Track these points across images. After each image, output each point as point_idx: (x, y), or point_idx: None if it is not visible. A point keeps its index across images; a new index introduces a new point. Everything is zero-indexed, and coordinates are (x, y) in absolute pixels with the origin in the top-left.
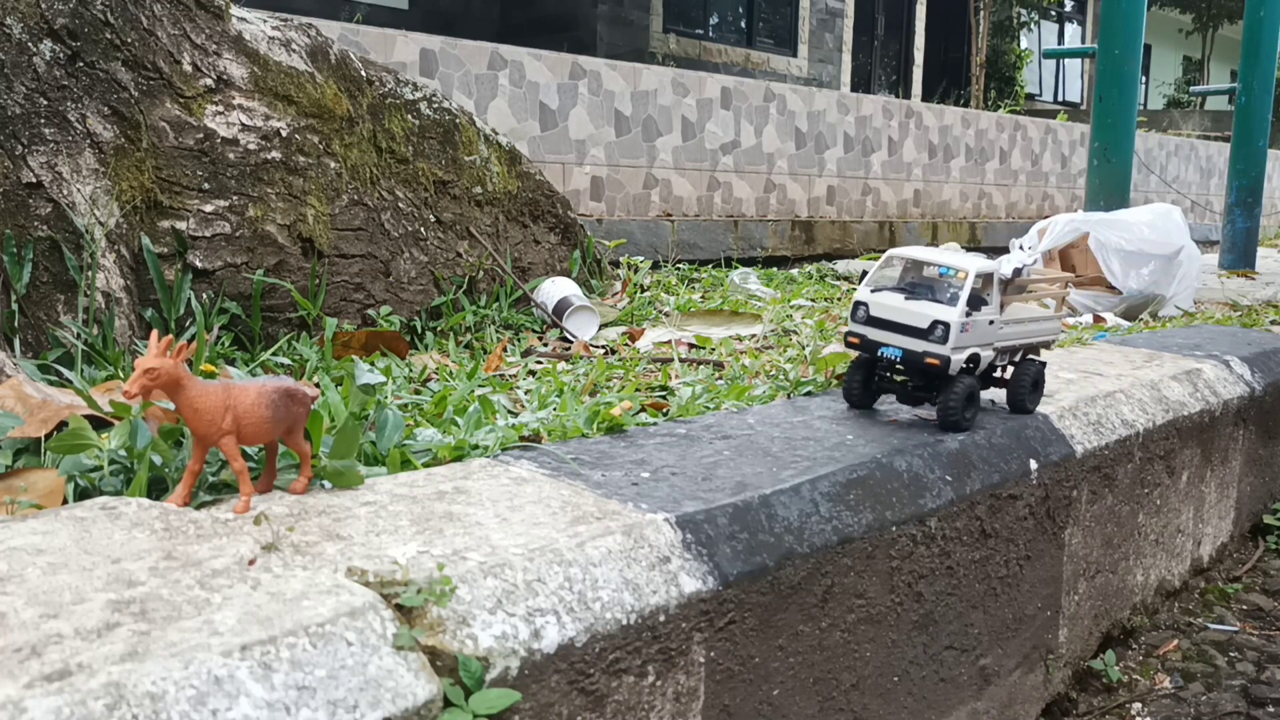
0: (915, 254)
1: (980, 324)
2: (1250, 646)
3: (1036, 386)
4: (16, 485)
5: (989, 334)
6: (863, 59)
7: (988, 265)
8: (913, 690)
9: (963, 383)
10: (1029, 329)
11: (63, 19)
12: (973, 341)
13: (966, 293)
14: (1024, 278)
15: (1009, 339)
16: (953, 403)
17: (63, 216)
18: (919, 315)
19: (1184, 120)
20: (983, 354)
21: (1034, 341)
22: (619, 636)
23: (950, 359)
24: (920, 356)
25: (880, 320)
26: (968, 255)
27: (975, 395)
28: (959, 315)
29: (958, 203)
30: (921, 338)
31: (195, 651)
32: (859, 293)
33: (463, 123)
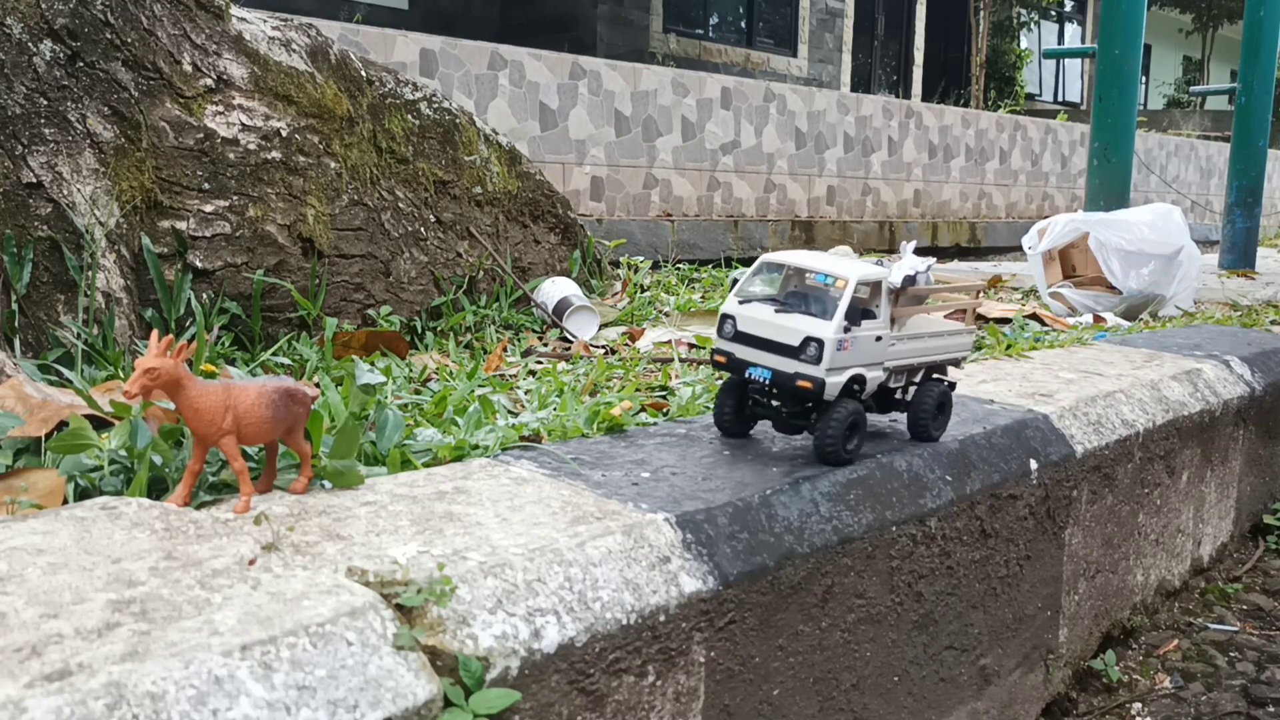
0: (790, 259)
1: (864, 340)
2: (1250, 646)
3: (942, 409)
4: (17, 485)
5: (876, 351)
6: (863, 59)
7: (873, 272)
8: (913, 690)
9: (843, 409)
10: (931, 345)
11: (63, 19)
12: (855, 361)
13: (845, 304)
14: (920, 287)
15: (905, 357)
16: (830, 432)
17: (63, 216)
18: (789, 331)
19: (1184, 120)
20: (869, 375)
21: (938, 359)
22: (619, 636)
23: (825, 382)
24: (791, 379)
25: (748, 336)
26: (852, 260)
27: (859, 423)
28: (834, 331)
29: (958, 203)
30: (793, 357)
31: (195, 651)
32: (726, 304)
33: (463, 123)
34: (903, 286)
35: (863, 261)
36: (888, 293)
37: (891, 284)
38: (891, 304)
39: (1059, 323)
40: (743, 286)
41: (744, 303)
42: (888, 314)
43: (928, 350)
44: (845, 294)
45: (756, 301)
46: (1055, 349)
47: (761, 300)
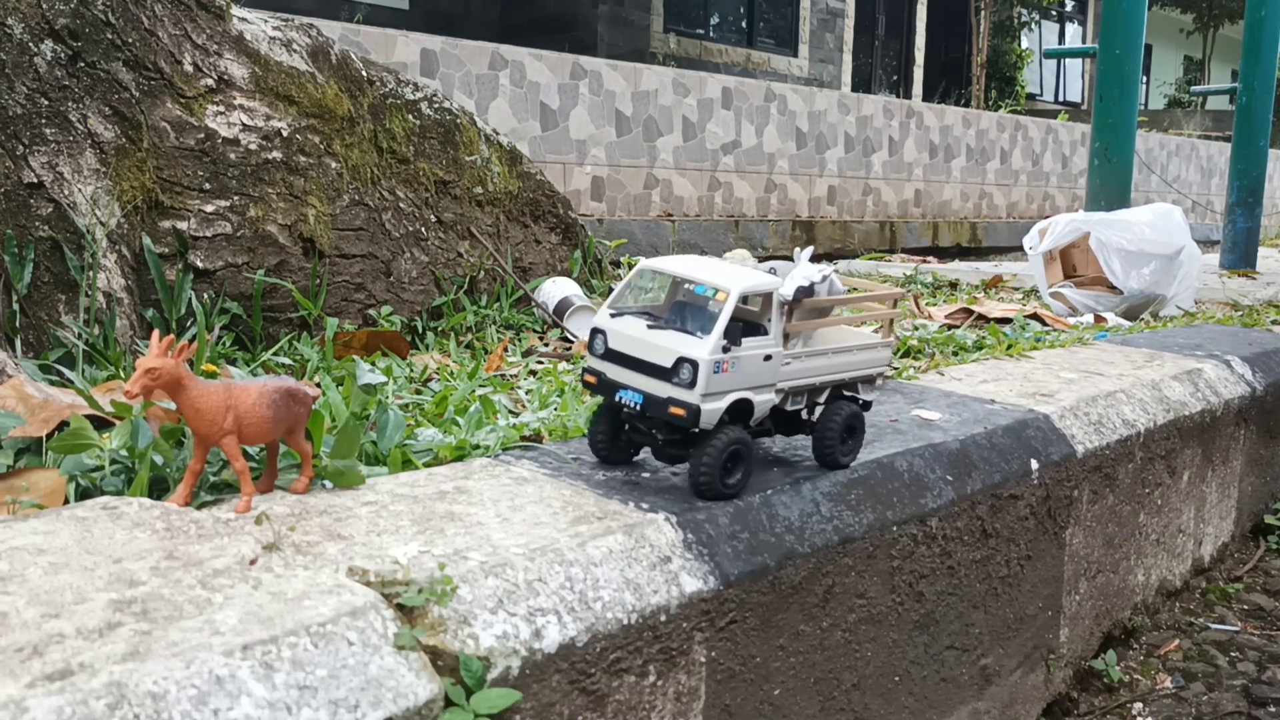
0: (667, 266)
1: (749, 360)
2: (1251, 646)
3: (852, 433)
4: (18, 485)
5: (766, 372)
6: (863, 59)
7: (761, 283)
8: (914, 690)
9: (721, 438)
10: (837, 361)
11: (64, 19)
12: (738, 384)
13: (724, 319)
14: (819, 298)
15: (804, 376)
16: (705, 465)
17: (64, 216)
18: (662, 350)
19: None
20: (757, 399)
21: (846, 377)
22: (620, 636)
23: (700, 409)
24: (663, 404)
25: (620, 355)
26: (742, 269)
27: (743, 453)
28: (711, 350)
29: (958, 203)
30: (665, 379)
31: (197, 651)
32: (598, 316)
33: (463, 123)
34: (796, 298)
35: (753, 270)
36: (779, 306)
37: (783, 296)
38: (784, 318)
39: (1060, 323)
40: (618, 296)
41: (617, 316)
42: (780, 329)
43: (833, 368)
44: (725, 308)
45: (630, 315)
46: (1056, 349)
47: (636, 313)
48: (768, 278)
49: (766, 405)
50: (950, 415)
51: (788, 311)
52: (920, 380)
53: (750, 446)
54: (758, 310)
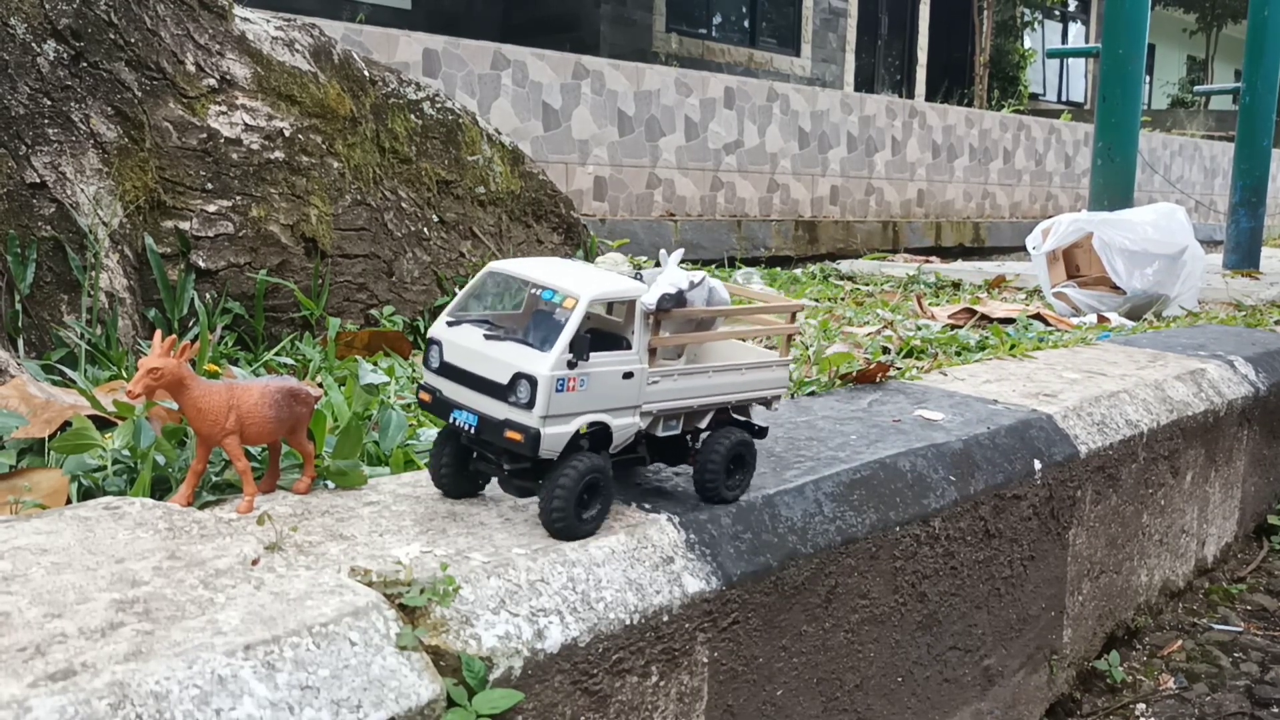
0: (513, 268)
1: (604, 378)
2: (1254, 647)
3: (740, 463)
4: (21, 485)
5: (626, 392)
6: (866, 59)
7: (616, 288)
8: (916, 691)
9: (573, 470)
10: (722, 381)
11: (66, 19)
12: (590, 405)
13: (570, 330)
14: (694, 308)
15: (679, 397)
16: (558, 500)
17: (66, 217)
18: (498, 364)
19: (1188, 120)
20: (616, 422)
21: (732, 399)
22: (622, 636)
23: (540, 433)
24: (499, 427)
25: (455, 369)
26: (603, 272)
27: (599, 484)
28: (552, 365)
29: (961, 202)
30: (502, 398)
31: (199, 651)
32: (435, 325)
33: (466, 123)
34: (662, 308)
35: (617, 274)
36: (643, 316)
37: (646, 305)
38: (650, 330)
39: (1063, 323)
40: (460, 302)
41: (455, 324)
42: (644, 343)
43: (715, 388)
44: (572, 317)
45: (469, 323)
46: (1059, 349)
47: (476, 322)
48: (627, 283)
49: (629, 430)
50: (953, 415)
51: (654, 323)
52: (923, 380)
53: (609, 475)
54: (621, 321)
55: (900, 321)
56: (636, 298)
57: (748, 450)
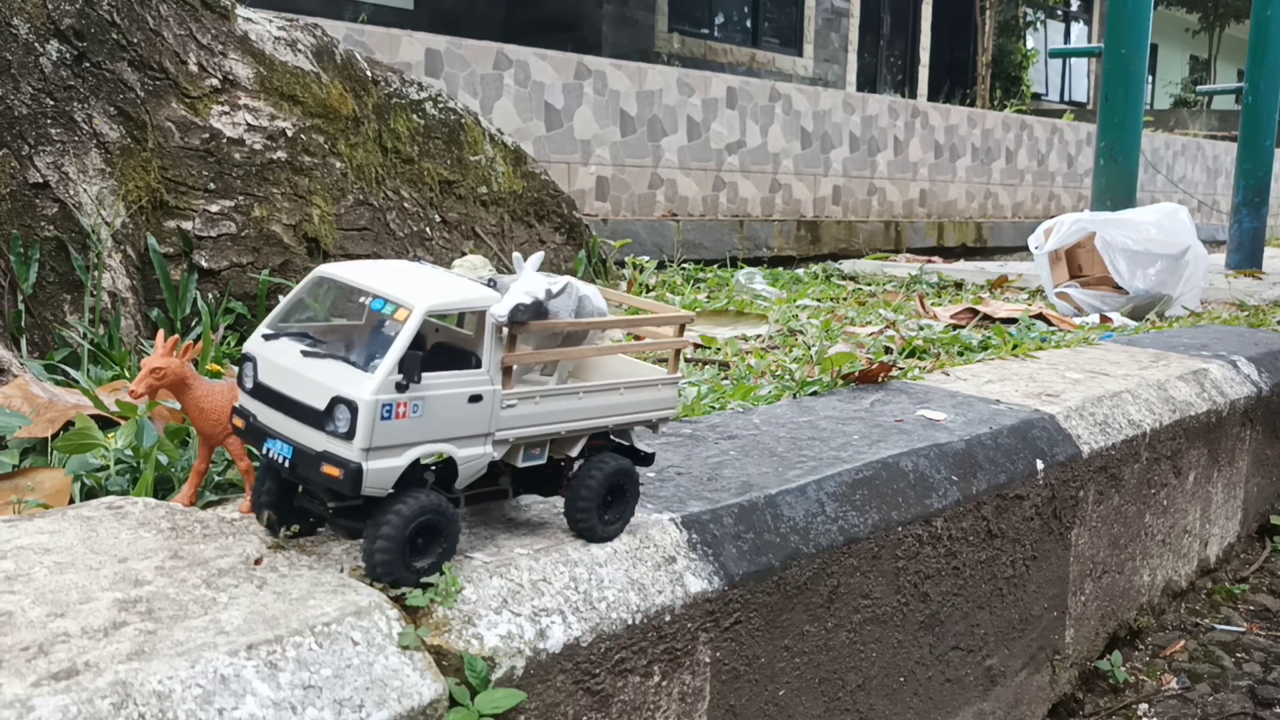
0: (343, 273)
1: (444, 402)
2: (1257, 647)
3: (619, 495)
4: (23, 485)
5: (475, 417)
6: (868, 58)
7: (459, 298)
8: (919, 691)
9: (403, 509)
10: (595, 404)
11: (69, 19)
12: (427, 433)
13: (400, 346)
14: (556, 320)
15: (543, 423)
16: (380, 547)
17: (69, 216)
18: (314, 385)
19: (1191, 120)
20: (462, 453)
21: (609, 423)
22: (624, 636)
23: (362, 469)
24: (315, 461)
25: (269, 391)
26: (436, 278)
27: (438, 526)
28: (377, 388)
29: (964, 202)
30: (320, 426)
31: (202, 650)
32: (251, 339)
33: (468, 123)
34: (516, 320)
35: (460, 281)
36: (494, 330)
37: (497, 317)
38: (504, 345)
39: (1065, 323)
40: (280, 311)
41: (273, 338)
42: (496, 361)
43: (587, 411)
44: (404, 331)
45: (289, 337)
46: (1061, 349)
47: (296, 334)
48: (474, 292)
49: (478, 462)
50: (955, 415)
51: (509, 338)
52: (925, 380)
53: (450, 516)
54: (473, 334)
55: (902, 321)
56: (486, 308)
57: (628, 480)
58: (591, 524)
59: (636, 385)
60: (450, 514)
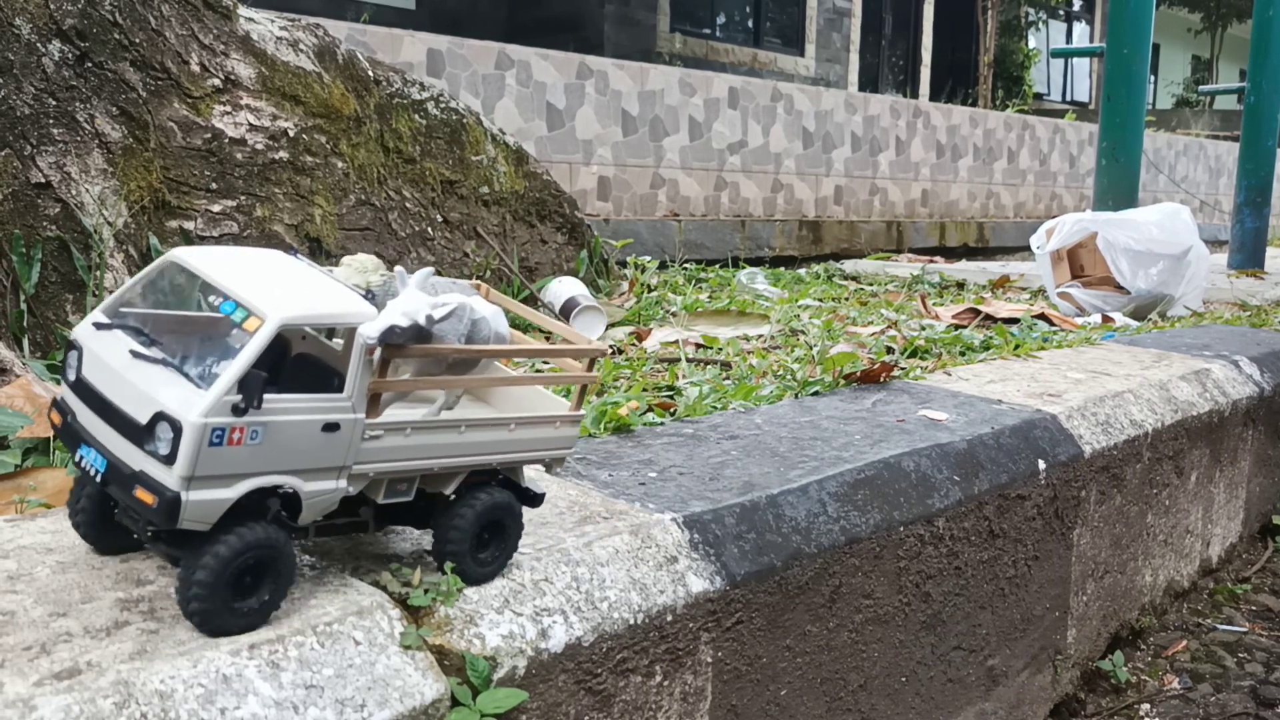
0: (199, 261)
1: (291, 429)
2: (1259, 647)
3: (498, 533)
4: (25, 484)
5: (329, 449)
6: (870, 59)
7: (326, 310)
8: (920, 691)
9: (226, 546)
10: (478, 440)
11: (71, 19)
12: (268, 463)
13: (245, 361)
14: (443, 345)
15: (412, 457)
16: (195, 590)
17: (71, 216)
18: (138, 395)
19: (1193, 120)
20: (309, 487)
21: (492, 461)
22: (626, 636)
23: (181, 499)
24: (129, 481)
25: (91, 391)
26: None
27: (270, 562)
28: (207, 408)
29: (965, 202)
30: (139, 442)
31: (204, 650)
32: (80, 326)
33: (470, 123)
34: (387, 342)
35: (341, 289)
36: (362, 351)
37: (365, 339)
38: (372, 370)
39: (1067, 323)
40: (121, 296)
41: (105, 327)
42: (363, 386)
43: (468, 448)
44: (251, 344)
45: (126, 330)
46: (1063, 349)
47: (133, 329)
48: (344, 304)
49: (329, 497)
50: (957, 415)
51: (380, 361)
52: (927, 380)
53: (284, 551)
54: (342, 351)
55: (904, 321)
56: (355, 326)
57: (508, 516)
58: (463, 563)
59: (530, 422)
60: (284, 549)
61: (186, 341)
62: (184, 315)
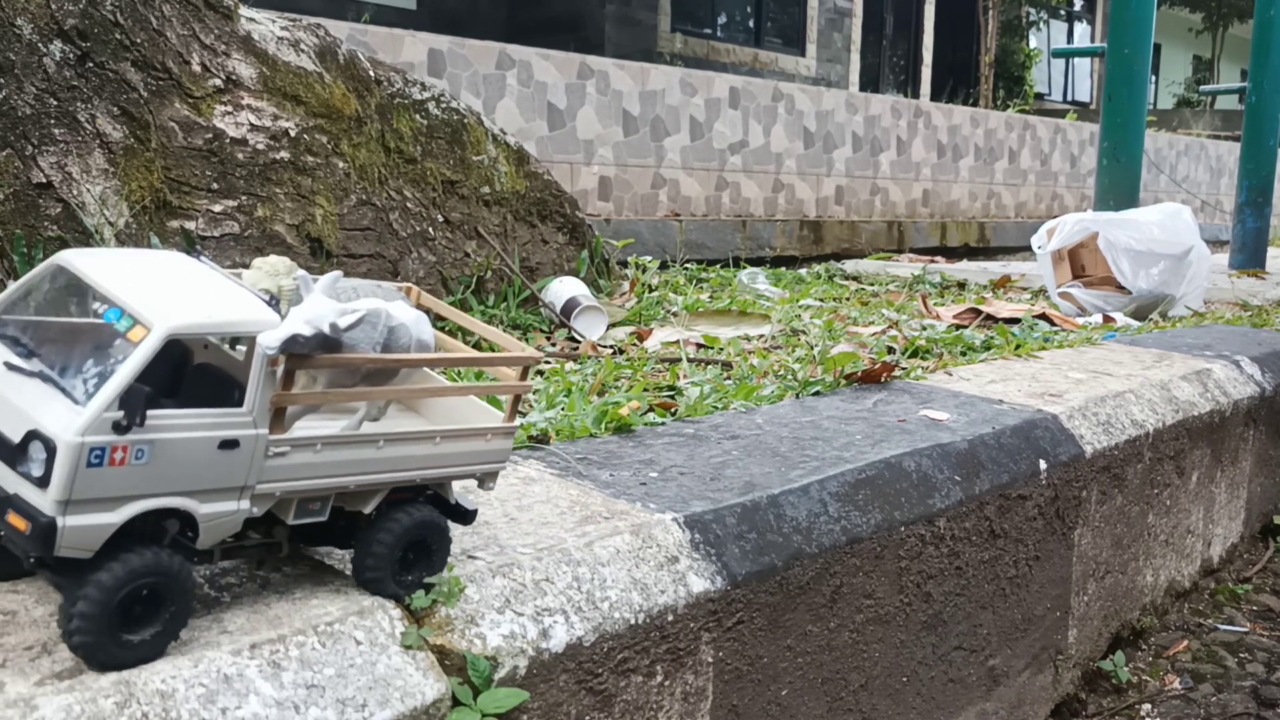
0: (84, 264)
1: (187, 448)
2: (1260, 647)
3: (422, 552)
4: None
5: (227, 468)
6: (871, 59)
7: (226, 319)
8: (921, 691)
9: (109, 574)
10: (400, 455)
11: (72, 19)
12: (157, 484)
13: (127, 375)
14: (355, 355)
15: (325, 475)
16: (76, 623)
17: (72, 216)
18: (11, 410)
19: (1194, 120)
20: (206, 509)
21: (416, 476)
22: (627, 636)
23: (57, 525)
24: (1, 506)
25: None
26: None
27: (162, 589)
28: (85, 426)
29: (966, 202)
30: (10, 463)
31: (205, 650)
32: None
33: (471, 123)
34: (289, 352)
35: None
36: (264, 362)
37: (265, 349)
38: (276, 383)
39: (1068, 323)
40: (4, 301)
41: None
42: (265, 400)
43: (388, 464)
44: (135, 355)
45: (4, 339)
46: (1064, 349)
47: (9, 337)
48: (242, 311)
49: (229, 520)
50: (958, 415)
51: (285, 374)
52: (928, 380)
53: (178, 577)
54: (243, 360)
55: (905, 321)
56: (255, 335)
57: (434, 534)
58: (382, 583)
59: (458, 435)
60: (177, 575)
61: (67, 352)
62: (65, 323)
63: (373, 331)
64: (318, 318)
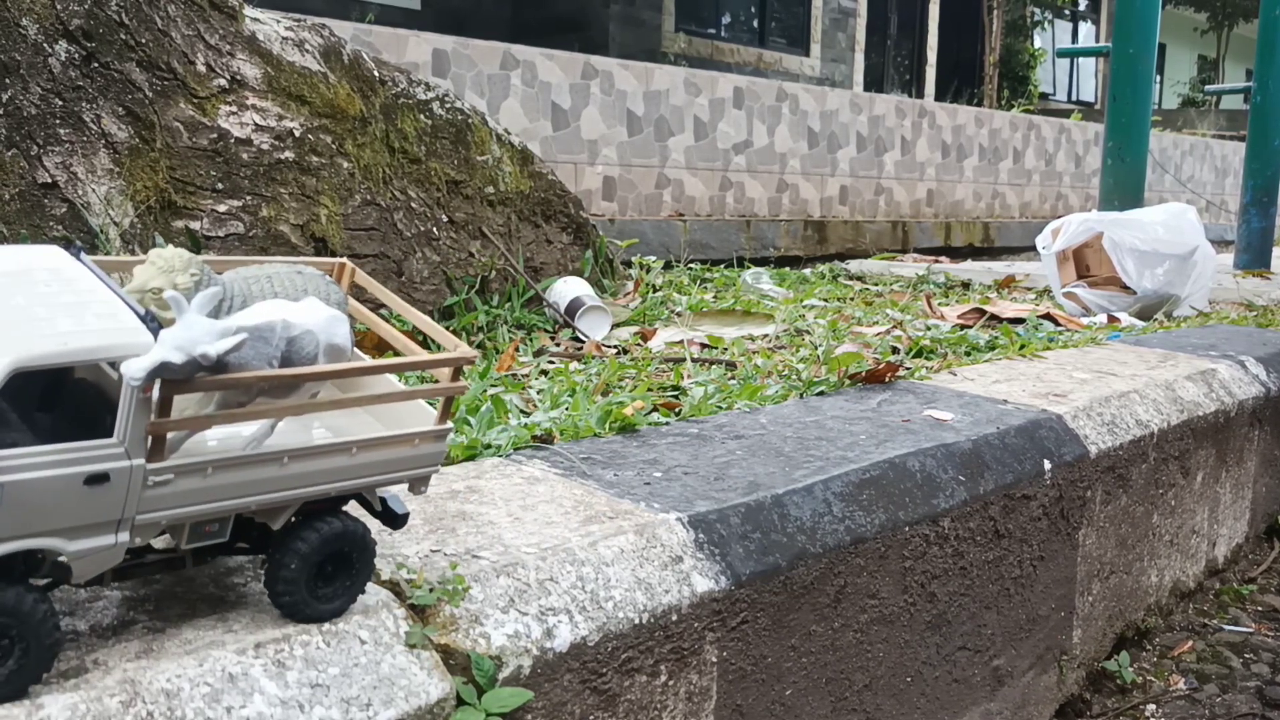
0: None
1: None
2: (1265, 648)
3: (342, 564)
4: None
5: (101, 503)
6: (875, 58)
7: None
8: (925, 691)
9: None
10: (309, 470)
11: (78, 19)
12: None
13: None
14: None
15: (220, 498)
16: None
17: (78, 217)
18: None
19: (1199, 119)
20: (75, 547)
21: (332, 489)
22: (631, 636)
23: None
24: None
25: None
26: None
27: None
28: None
29: (971, 202)
30: None
31: (210, 649)
32: None
33: (475, 123)
34: (160, 377)
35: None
36: (133, 390)
37: (129, 379)
38: (149, 409)
39: (1073, 323)
40: None
41: None
42: (138, 429)
43: (294, 480)
44: None
45: None
46: (1069, 349)
47: None
48: (106, 337)
49: (104, 555)
50: (963, 415)
51: (160, 400)
52: (932, 380)
53: (28, 623)
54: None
55: (909, 321)
56: (119, 359)
57: (355, 546)
58: (296, 600)
59: (379, 444)
60: (28, 617)
61: None
62: None
63: (266, 347)
64: (190, 342)
